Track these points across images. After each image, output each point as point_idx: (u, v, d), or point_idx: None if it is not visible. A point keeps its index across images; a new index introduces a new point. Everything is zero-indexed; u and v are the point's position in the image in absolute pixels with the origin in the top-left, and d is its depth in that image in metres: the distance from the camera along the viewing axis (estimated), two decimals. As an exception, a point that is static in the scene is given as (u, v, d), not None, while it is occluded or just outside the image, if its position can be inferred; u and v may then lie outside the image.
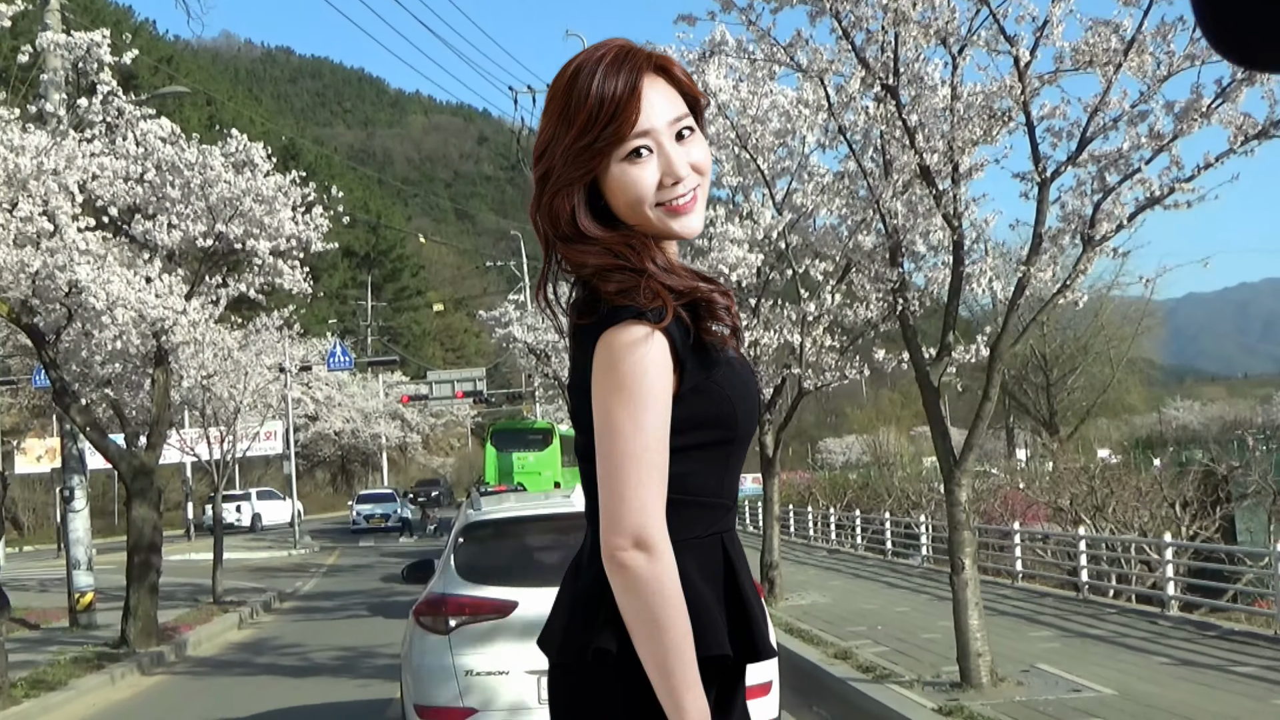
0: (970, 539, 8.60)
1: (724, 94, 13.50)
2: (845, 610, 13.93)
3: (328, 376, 65.65)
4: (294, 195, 15.25)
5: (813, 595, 15.39)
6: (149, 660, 13.92)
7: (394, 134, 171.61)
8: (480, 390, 55.74)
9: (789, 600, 14.90)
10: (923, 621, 12.70)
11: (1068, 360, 44.33)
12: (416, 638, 6.77)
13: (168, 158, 14.64)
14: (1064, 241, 8.34)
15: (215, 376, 20.51)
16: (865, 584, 17.14)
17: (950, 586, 8.62)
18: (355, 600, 21.38)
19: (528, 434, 36.81)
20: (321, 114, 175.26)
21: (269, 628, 18.09)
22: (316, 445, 68.93)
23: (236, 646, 16.04)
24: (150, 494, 15.06)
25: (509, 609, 6.50)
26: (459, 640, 6.54)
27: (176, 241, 14.73)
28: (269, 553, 35.47)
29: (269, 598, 21.59)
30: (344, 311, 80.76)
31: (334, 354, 40.71)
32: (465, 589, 6.68)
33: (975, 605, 8.47)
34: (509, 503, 8.71)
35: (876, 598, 15.24)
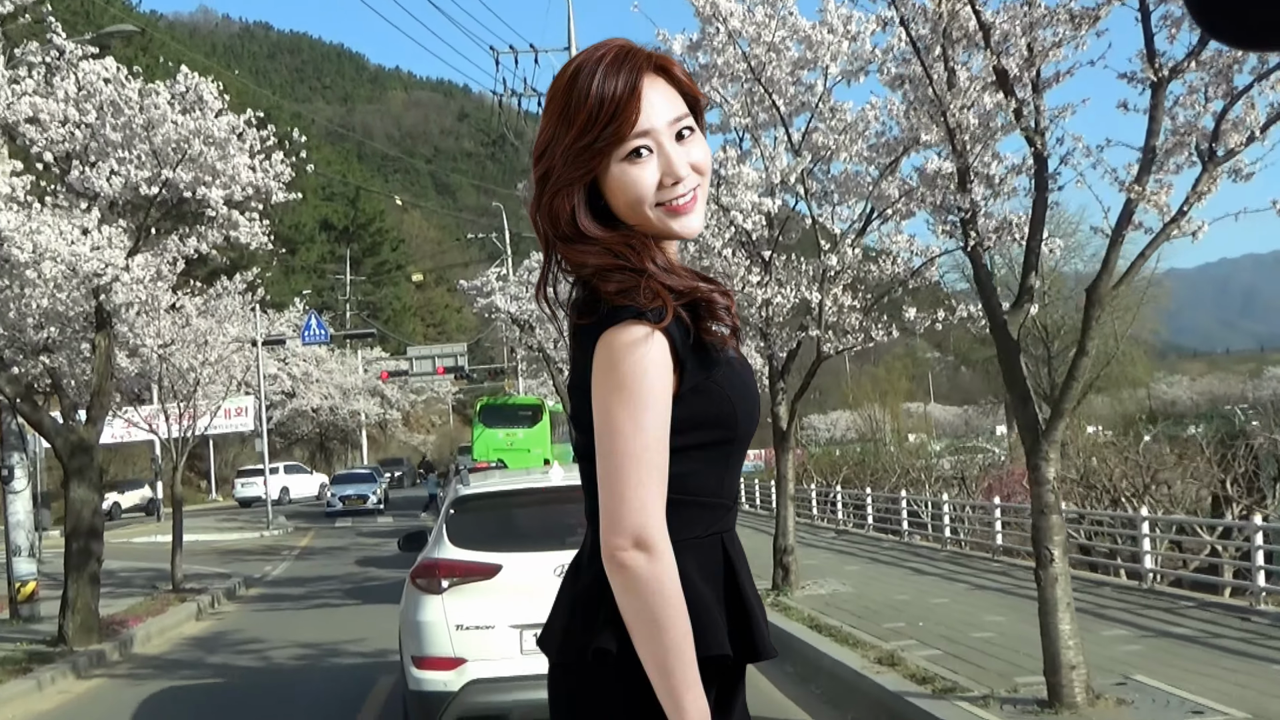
0: (1059, 525, 7.03)
1: (735, 19, 11.90)
2: (873, 601, 12.39)
3: (305, 352, 64.03)
4: (250, 138, 13.60)
5: (832, 583, 13.85)
6: (86, 661, 12.32)
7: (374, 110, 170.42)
8: (462, 366, 54.40)
9: (806, 589, 13.36)
10: (968, 616, 11.16)
11: (1070, 332, 42.73)
12: (413, 597, 7.51)
13: (107, 96, 13.00)
14: (1180, 159, 6.75)
15: (174, 346, 18.85)
16: (887, 570, 15.59)
17: (1036, 582, 7.06)
18: (327, 587, 19.79)
19: (517, 410, 35.56)
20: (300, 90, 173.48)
21: (230, 619, 16.49)
22: (294, 422, 67.21)
23: (190, 642, 14.43)
24: (90, 473, 13.42)
25: (494, 571, 7.29)
26: (451, 599, 7.28)
27: (118, 189, 13.05)
28: (240, 534, 33.81)
29: (233, 584, 19.99)
30: (322, 286, 78.98)
31: (309, 327, 38.90)
32: (456, 554, 7.42)
33: (1067, 606, 6.91)
34: (494, 479, 9.46)
35: (905, 586, 13.70)
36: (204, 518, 41.32)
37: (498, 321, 32.23)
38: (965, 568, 15.19)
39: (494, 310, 31.22)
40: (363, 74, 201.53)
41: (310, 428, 69.46)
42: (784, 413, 13.65)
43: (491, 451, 31.43)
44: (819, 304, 12.72)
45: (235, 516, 40.99)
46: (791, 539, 13.54)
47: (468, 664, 7.17)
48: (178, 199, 13.50)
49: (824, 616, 11.19)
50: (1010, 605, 11.68)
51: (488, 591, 7.25)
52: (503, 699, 7.09)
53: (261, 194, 14.07)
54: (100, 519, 13.60)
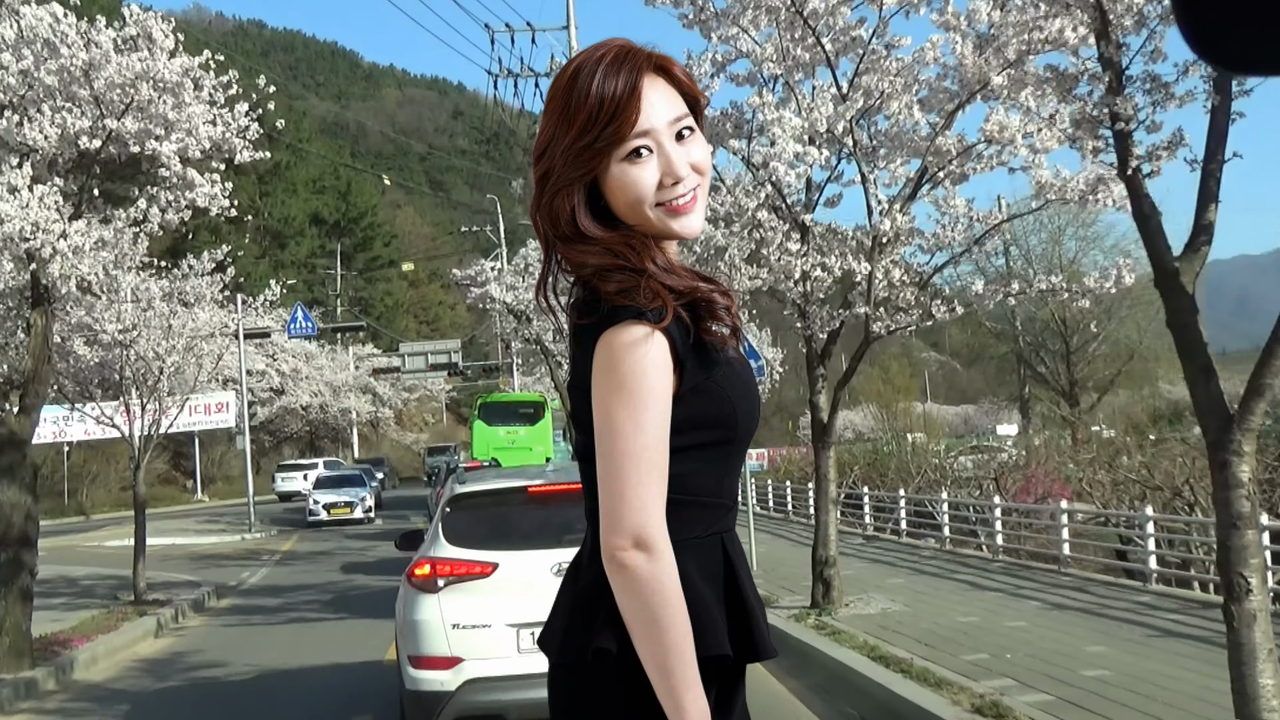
0: (1255, 544, 5.19)
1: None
2: (936, 624, 10.57)
3: (294, 348, 62.30)
4: (209, 85, 11.78)
5: (878, 599, 12.04)
6: (12, 692, 10.48)
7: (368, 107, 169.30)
8: (455, 363, 52.72)
9: (852, 608, 11.55)
10: (1062, 645, 9.34)
11: (1090, 326, 40.97)
12: (409, 596, 7.42)
13: (43, 33, 11.20)
14: None
15: (136, 332, 17.03)
16: (936, 583, 13.75)
17: (1225, 621, 5.22)
18: (306, 597, 17.98)
19: (518, 407, 33.93)
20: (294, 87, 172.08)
21: (192, 635, 14.66)
22: (283, 420, 65.44)
23: (141, 665, 12.61)
24: (22, 471, 11.58)
25: (490, 569, 7.24)
26: (446, 597, 7.21)
27: (54, 143, 11.22)
28: (220, 538, 31.97)
29: (203, 593, 18.17)
30: (312, 281, 77.20)
31: (295, 320, 36.98)
32: (452, 552, 7.35)
33: (1269, 655, 5.10)
34: (490, 477, 9.23)
35: (966, 604, 11.87)
36: (185, 519, 39.50)
37: (492, 312, 30.60)
38: (1028, 581, 13.36)
39: (489, 300, 29.65)
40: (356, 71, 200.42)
41: (300, 425, 67.59)
42: (824, 403, 11.84)
43: (491, 450, 29.73)
44: (868, 276, 10.92)
45: (218, 518, 39.05)
46: (834, 549, 11.73)
47: (464, 663, 7.11)
48: (125, 155, 11.69)
49: (885, 644, 9.37)
50: (1106, 631, 9.86)
51: (484, 590, 7.21)
52: (500, 698, 7.05)
53: (224, 151, 12.26)
54: (34, 525, 11.76)
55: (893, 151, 11.02)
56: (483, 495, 8.08)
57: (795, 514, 27.69)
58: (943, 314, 10.91)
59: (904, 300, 10.96)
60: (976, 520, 18.04)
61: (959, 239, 11.18)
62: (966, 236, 11.33)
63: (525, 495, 7.95)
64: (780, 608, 12.18)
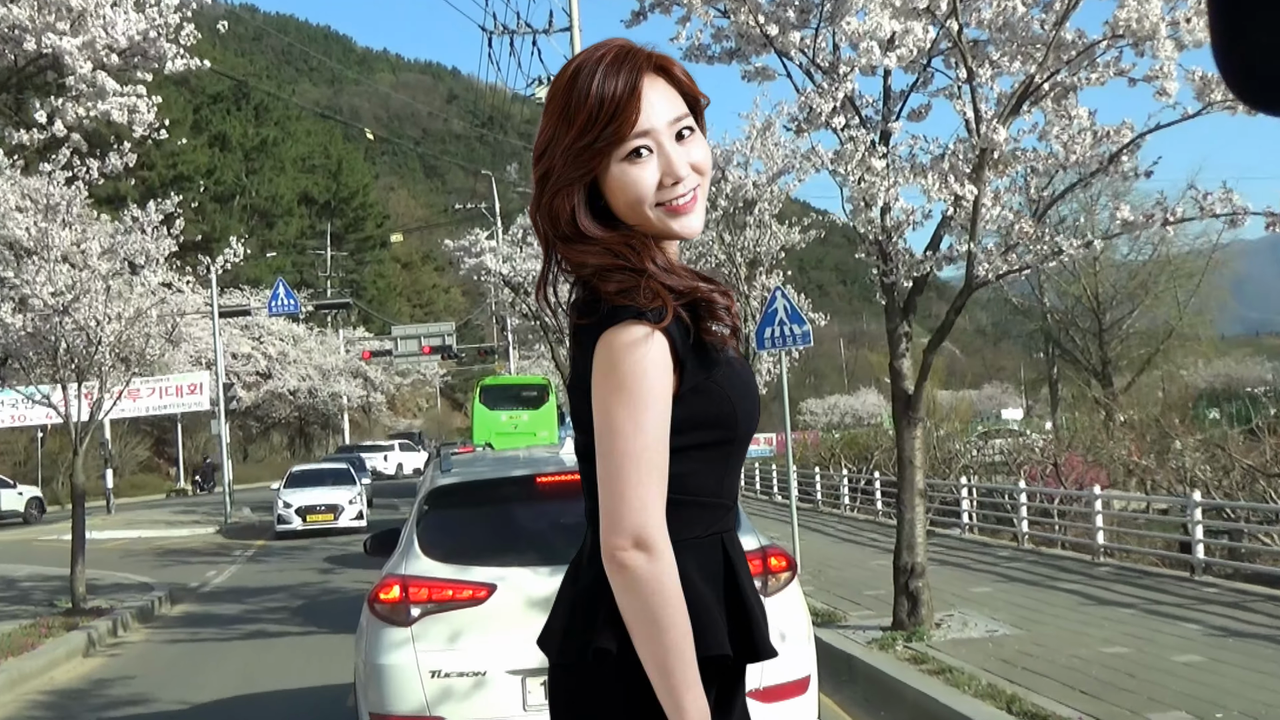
0: None
1: None
2: (1073, 655, 8.06)
3: (281, 330, 59.90)
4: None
5: (977, 618, 9.57)
6: None
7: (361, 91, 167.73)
8: (449, 346, 50.25)
9: (946, 629, 9.09)
10: (1263, 688, 6.87)
11: (1125, 301, 38.46)
12: (373, 631, 5.53)
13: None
14: None
15: (71, 295, 14.53)
16: (1036, 593, 11.18)
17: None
18: (273, 603, 15.54)
19: (521, 390, 31.72)
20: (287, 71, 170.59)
21: (128, 655, 12.23)
22: (270, 405, 63.11)
23: (52, 699, 10.16)
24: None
25: (485, 594, 5.40)
26: (424, 633, 5.38)
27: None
28: (193, 530, 29.54)
29: (154, 598, 15.70)
30: (302, 263, 74.80)
31: (276, 296, 34.46)
32: (431, 569, 5.50)
33: None
34: (483, 463, 7.16)
35: (1094, 624, 9.35)
36: (160, 509, 37.09)
37: (487, 284, 28.36)
38: (1154, 591, 10.85)
39: (483, 271, 27.44)
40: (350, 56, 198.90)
41: (288, 411, 65.23)
42: (909, 368, 9.35)
43: (493, 436, 27.43)
44: (974, 203, 8.43)
45: (194, 509, 36.51)
46: (922, 554, 9.25)
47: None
48: (19, 58, 9.21)
49: (1023, 688, 6.89)
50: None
51: (476, 623, 5.43)
52: None
53: (150, 58, 9.78)
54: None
55: (1006, 47, 8.53)
56: (474, 489, 6.18)
57: (825, 505, 25.22)
58: (1076, 249, 8.41)
59: (1019, 233, 8.45)
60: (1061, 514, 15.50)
61: (1088, 156, 8.67)
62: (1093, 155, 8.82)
63: (533, 488, 6.00)
64: (850, 626, 9.72)
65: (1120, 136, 8.82)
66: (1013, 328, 44.00)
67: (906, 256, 9.11)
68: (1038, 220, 8.71)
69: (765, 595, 5.41)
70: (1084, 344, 39.32)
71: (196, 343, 46.45)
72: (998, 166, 8.58)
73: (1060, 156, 8.82)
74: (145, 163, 52.90)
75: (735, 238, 17.49)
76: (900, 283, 9.18)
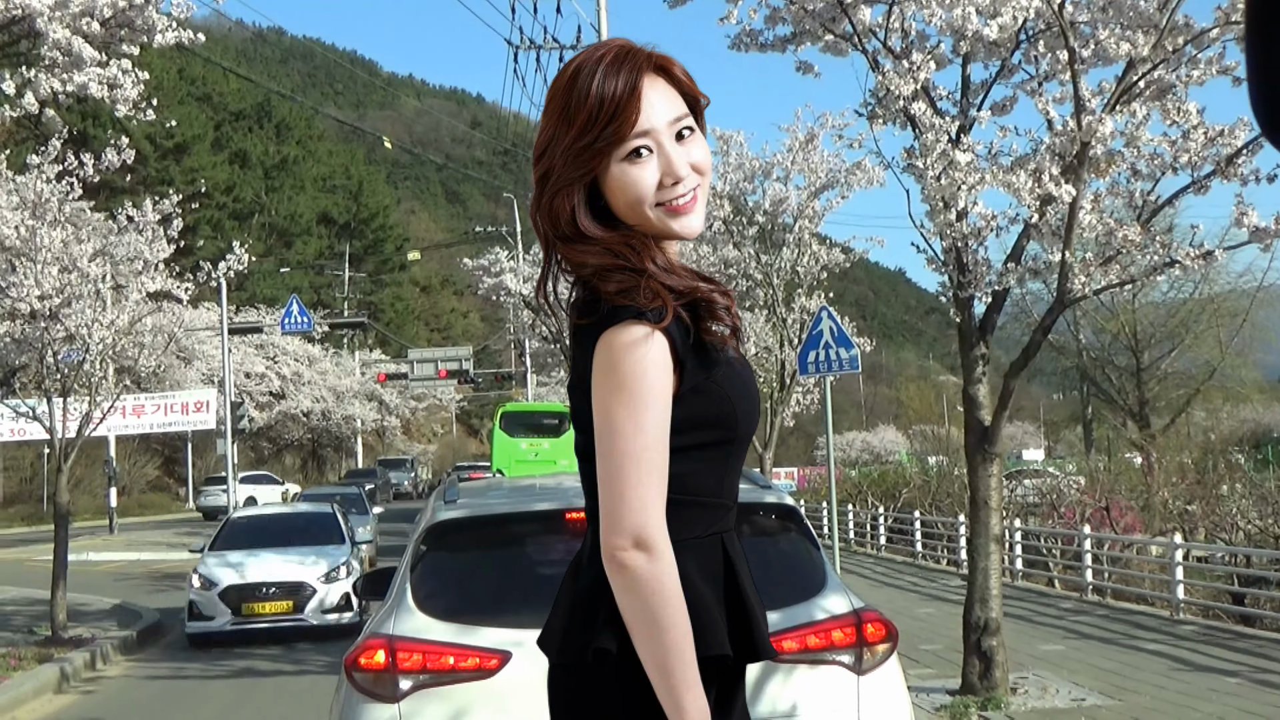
0: None
1: None
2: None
3: (296, 350, 59.01)
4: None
5: (1055, 682, 8.40)
6: None
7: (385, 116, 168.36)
8: (466, 370, 49.10)
9: (1025, 696, 7.92)
10: None
11: (1164, 340, 37.13)
12: (350, 706, 4.36)
13: None
14: None
15: (60, 300, 13.52)
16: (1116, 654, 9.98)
17: None
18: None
19: (542, 417, 30.66)
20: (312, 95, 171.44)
21: (104, 692, 11.14)
22: (284, 426, 62.09)
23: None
24: None
25: (495, 663, 4.22)
26: (415, 712, 4.23)
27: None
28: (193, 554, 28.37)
29: (139, 629, 14.59)
30: (319, 283, 74.05)
31: (289, 314, 33.42)
32: (426, 628, 4.33)
33: None
34: (500, 491, 6.05)
35: (1195, 692, 8.19)
36: (164, 530, 36.05)
37: (506, 305, 27.47)
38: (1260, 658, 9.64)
39: (502, 291, 26.55)
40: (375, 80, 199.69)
41: (301, 432, 64.19)
42: (985, 396, 8.21)
43: (513, 464, 26.47)
44: (1070, 206, 7.31)
45: (200, 530, 35.42)
46: (997, 608, 8.08)
47: None
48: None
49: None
50: None
51: (483, 701, 4.23)
52: None
53: (138, 29, 8.75)
54: None
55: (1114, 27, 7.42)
56: (485, 525, 4.94)
57: (858, 545, 24.01)
58: (1191, 260, 7.27)
59: (1122, 240, 7.31)
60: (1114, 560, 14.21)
61: (1199, 157, 7.55)
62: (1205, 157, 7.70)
63: (561, 525, 4.73)
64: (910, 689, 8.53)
65: (1233, 137, 7.72)
66: (1045, 364, 42.80)
67: (984, 269, 7.98)
68: (1144, 226, 7.58)
69: (859, 673, 4.29)
70: (1120, 383, 38.03)
71: (210, 360, 45.57)
72: (1098, 166, 7.46)
73: (1167, 157, 7.71)
74: (164, 178, 52.26)
75: (772, 257, 16.40)
76: (977, 295, 8.06)
